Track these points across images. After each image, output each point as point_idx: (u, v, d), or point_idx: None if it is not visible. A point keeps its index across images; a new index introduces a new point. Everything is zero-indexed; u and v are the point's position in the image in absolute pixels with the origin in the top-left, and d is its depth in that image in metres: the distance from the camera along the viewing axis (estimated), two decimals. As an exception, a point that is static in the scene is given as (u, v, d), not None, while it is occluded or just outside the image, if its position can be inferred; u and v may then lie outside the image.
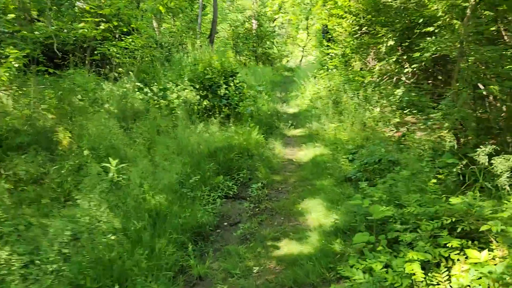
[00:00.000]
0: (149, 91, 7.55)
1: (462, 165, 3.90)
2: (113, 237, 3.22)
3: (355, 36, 7.72)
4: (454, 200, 3.10)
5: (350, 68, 10.22)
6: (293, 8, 23.03)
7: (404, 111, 7.95)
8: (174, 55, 14.58)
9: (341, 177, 4.96)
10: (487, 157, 3.49)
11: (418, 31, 5.29)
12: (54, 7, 8.05)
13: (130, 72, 7.98)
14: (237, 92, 8.80)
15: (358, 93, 8.18)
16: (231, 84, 8.95)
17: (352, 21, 7.20)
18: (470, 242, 2.83)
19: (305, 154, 6.45)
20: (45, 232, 3.27)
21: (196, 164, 5.17)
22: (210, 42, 17.11)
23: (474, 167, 3.68)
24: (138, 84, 7.69)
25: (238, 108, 8.12)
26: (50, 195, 4.20)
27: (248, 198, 4.73)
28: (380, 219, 3.26)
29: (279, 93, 15.61)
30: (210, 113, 7.85)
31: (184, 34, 21.89)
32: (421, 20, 5.12)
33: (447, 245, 2.77)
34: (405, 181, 3.76)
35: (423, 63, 5.32)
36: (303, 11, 23.76)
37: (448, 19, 4.64)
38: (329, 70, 11.83)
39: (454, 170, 3.92)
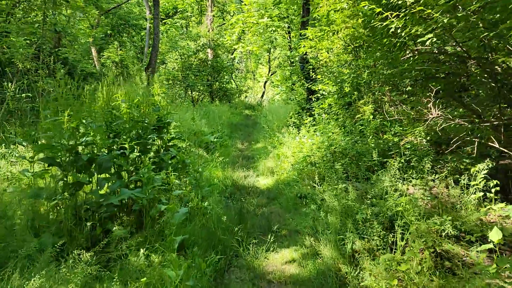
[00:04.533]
0: None
1: None
2: None
3: (405, 57, 3.76)
4: None
5: (358, 115, 6.28)
6: (255, 37, 19.51)
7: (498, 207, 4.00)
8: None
9: None
10: None
11: None
12: None
13: None
14: (165, 160, 4.50)
15: (392, 168, 4.16)
16: (157, 144, 4.64)
17: (415, 26, 3.25)
18: None
19: None
20: None
21: None
22: (150, 73, 12.83)
23: None
24: None
25: (156, 204, 3.76)
26: None
27: None
28: None
29: (240, 142, 11.38)
30: (89, 223, 3.40)
31: (131, 65, 18.29)
32: None
33: None
34: None
35: None
36: (266, 40, 20.26)
37: None
38: (317, 115, 7.85)
39: None
